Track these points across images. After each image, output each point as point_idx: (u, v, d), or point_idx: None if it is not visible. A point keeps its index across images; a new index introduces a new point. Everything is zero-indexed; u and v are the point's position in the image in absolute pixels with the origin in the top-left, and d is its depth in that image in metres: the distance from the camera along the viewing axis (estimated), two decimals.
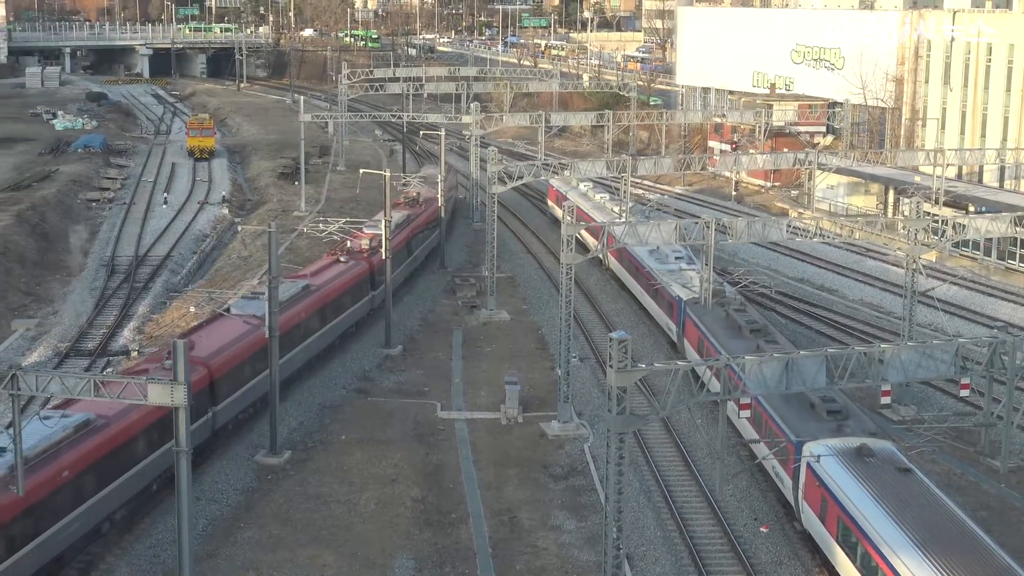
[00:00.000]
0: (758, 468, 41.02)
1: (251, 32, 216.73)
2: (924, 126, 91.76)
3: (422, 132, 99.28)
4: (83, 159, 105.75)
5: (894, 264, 68.44)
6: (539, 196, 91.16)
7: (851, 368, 32.07)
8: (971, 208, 73.72)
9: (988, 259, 71.26)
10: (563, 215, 47.61)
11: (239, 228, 76.67)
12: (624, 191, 69.42)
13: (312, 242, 70.00)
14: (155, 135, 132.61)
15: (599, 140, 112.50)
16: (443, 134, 77.76)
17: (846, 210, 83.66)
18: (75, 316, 61.32)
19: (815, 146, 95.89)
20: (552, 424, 46.69)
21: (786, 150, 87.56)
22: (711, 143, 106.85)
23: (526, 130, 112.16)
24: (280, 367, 45.31)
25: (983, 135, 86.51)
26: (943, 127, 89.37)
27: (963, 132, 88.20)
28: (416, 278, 68.54)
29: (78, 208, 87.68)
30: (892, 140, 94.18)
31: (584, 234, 66.09)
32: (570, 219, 46.73)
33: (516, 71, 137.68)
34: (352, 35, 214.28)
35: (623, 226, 51.27)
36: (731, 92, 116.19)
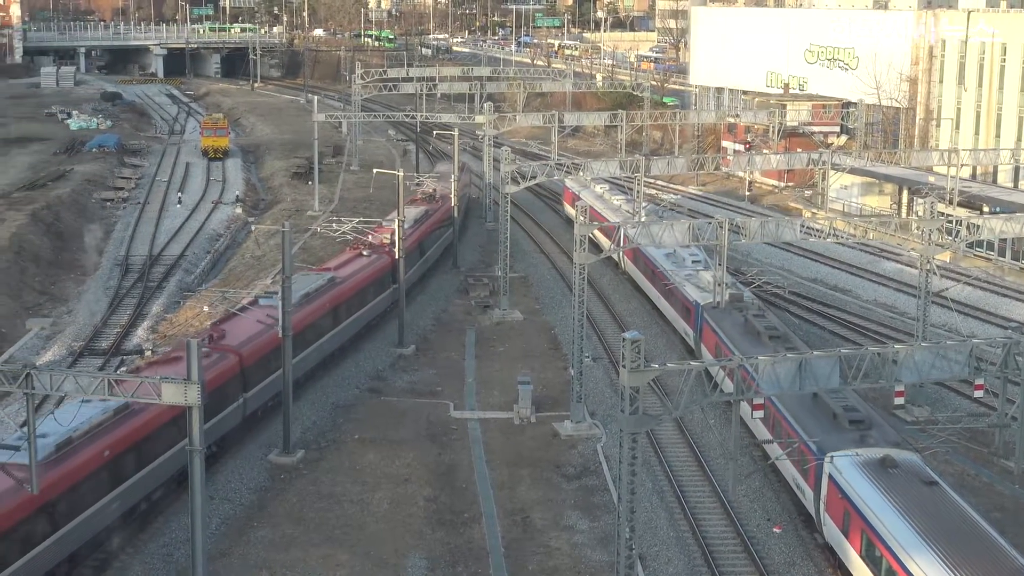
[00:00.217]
0: (771, 469, 40.91)
1: (265, 32, 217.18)
2: (938, 126, 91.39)
3: (436, 132, 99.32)
4: (98, 159, 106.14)
5: (908, 264, 68.25)
6: (552, 196, 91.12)
7: (865, 368, 31.91)
8: (985, 208, 73.48)
9: (1003, 259, 70.99)
10: (576, 215, 47.53)
11: (253, 228, 76.78)
12: (638, 191, 69.35)
13: (325, 242, 70.08)
14: (169, 135, 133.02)
15: (612, 140, 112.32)
16: (456, 134, 77.81)
17: (860, 210, 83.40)
18: (89, 315, 61.53)
19: (829, 146, 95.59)
20: (565, 424, 46.67)
21: (800, 150, 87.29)
22: (724, 143, 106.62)
23: (539, 130, 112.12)
24: (309, 355, 46.08)
25: (997, 135, 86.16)
26: (957, 127, 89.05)
27: (977, 132, 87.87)
28: (429, 278, 68.59)
29: (92, 207, 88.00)
30: (906, 140, 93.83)
31: (597, 234, 65.98)
32: (583, 219, 46.71)
33: (529, 71, 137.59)
34: (368, 35, 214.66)
35: (636, 226, 51.20)
36: (745, 92, 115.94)
